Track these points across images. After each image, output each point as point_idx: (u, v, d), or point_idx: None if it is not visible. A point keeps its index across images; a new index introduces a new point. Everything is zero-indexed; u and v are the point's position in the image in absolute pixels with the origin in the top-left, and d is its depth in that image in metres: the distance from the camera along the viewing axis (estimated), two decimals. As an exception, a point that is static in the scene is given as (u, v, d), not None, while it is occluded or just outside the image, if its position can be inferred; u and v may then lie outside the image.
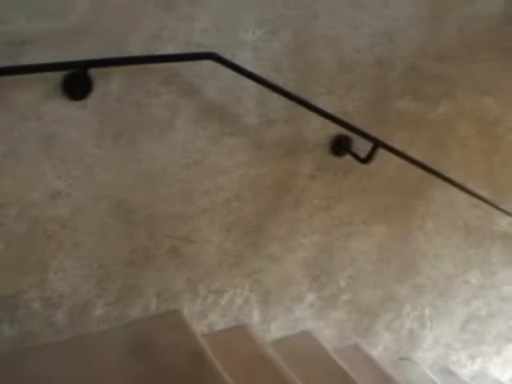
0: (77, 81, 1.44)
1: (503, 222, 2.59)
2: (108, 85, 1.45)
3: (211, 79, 1.62)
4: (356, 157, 1.94)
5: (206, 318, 1.87)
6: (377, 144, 1.87)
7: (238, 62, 1.58)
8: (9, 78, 1.32)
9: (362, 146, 1.91)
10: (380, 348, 2.46)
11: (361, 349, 2.37)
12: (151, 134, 1.56)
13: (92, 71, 1.39)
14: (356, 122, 1.83)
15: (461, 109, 2.14)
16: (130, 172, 1.57)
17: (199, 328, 1.83)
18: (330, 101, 1.86)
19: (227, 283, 1.88)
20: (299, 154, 1.90)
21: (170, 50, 1.50)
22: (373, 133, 1.83)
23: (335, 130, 1.91)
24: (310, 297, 2.13)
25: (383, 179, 2.11)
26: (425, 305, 2.55)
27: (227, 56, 1.56)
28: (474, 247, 2.57)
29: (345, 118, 1.79)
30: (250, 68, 1.60)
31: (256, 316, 2.00)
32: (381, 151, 1.85)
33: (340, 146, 1.97)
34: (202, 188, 1.71)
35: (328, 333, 2.24)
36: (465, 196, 2.27)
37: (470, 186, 2.23)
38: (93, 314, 1.63)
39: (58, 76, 1.39)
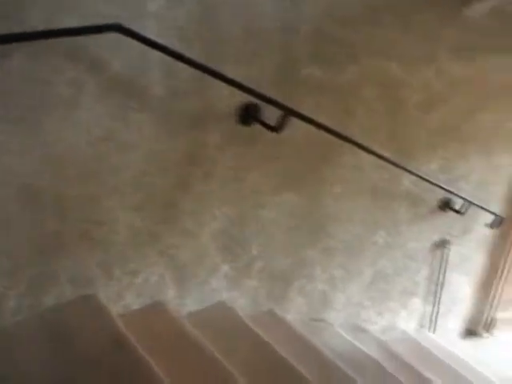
0: (-29, 60, 1.53)
1: (406, 182, 3.06)
2: (9, 63, 1.56)
3: (117, 52, 1.78)
4: (266, 125, 2.22)
5: (123, 299, 2.10)
6: (287, 112, 2.15)
7: (143, 32, 1.75)
8: None
9: (270, 114, 2.18)
10: (294, 312, 2.85)
11: (275, 314, 2.75)
12: (56, 113, 1.71)
13: (-11, 49, 1.50)
14: (264, 90, 2.08)
15: (365, 73, 2.49)
16: (34, 155, 1.70)
17: (116, 309, 2.04)
18: (237, 69, 2.10)
19: (141, 262, 2.10)
20: (207, 125, 2.13)
21: (73, 23, 1.63)
22: (281, 100, 2.11)
23: (243, 98, 2.16)
24: (225, 268, 2.43)
25: (292, 147, 2.42)
26: (335, 267, 2.97)
27: (132, 27, 1.72)
28: (381, 208, 3.02)
29: (253, 86, 2.04)
30: (155, 38, 1.77)
31: (172, 292, 2.26)
32: (290, 118, 2.13)
33: (249, 115, 2.24)
34: (111, 166, 1.90)
35: (243, 302, 2.57)
36: (371, 159, 2.67)
37: (375, 148, 2.62)
38: (6, 306, 1.78)
39: None
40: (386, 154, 2.73)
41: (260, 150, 2.33)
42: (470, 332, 4.32)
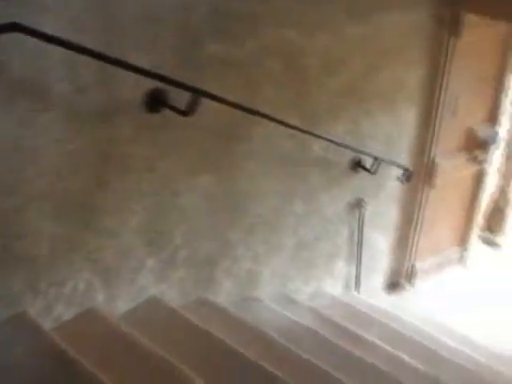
0: None
1: (316, 148, 3.32)
2: None
3: (13, 52, 1.82)
4: (176, 110, 2.35)
5: (53, 312, 2.18)
6: (196, 93, 2.29)
7: (40, 28, 1.80)
8: None
9: (180, 98, 2.31)
10: (224, 295, 3.05)
11: (206, 300, 2.93)
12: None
13: None
14: (170, 74, 2.20)
15: (267, 45, 2.68)
16: None
17: (47, 323, 2.12)
18: (140, 55, 2.20)
19: (67, 271, 2.19)
20: (116, 118, 2.23)
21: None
22: (189, 82, 2.24)
23: (150, 85, 2.26)
24: (150, 262, 2.56)
25: (204, 128, 2.57)
26: (258, 243, 3.19)
27: (29, 23, 1.76)
28: (295, 177, 3.27)
29: (157, 71, 2.14)
30: (53, 33, 1.81)
31: (102, 296, 2.37)
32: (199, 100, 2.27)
33: (157, 102, 2.36)
34: (24, 176, 1.95)
35: (173, 293, 2.73)
36: (281, 129, 2.88)
37: (284, 118, 2.83)
38: None
39: None
40: (294, 123, 2.95)
41: (173, 137, 2.45)
42: (394, 285, 4.77)
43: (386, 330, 3.59)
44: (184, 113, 2.32)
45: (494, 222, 6.17)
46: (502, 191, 6.03)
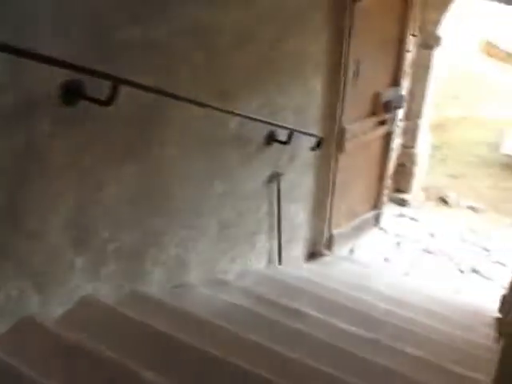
0: None
1: (232, 125, 3.40)
2: None
3: None
4: (95, 100, 2.33)
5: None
6: (115, 81, 2.29)
7: None
8: None
9: (97, 88, 2.29)
10: (155, 285, 3.10)
11: (138, 293, 2.96)
12: None
13: None
14: (85, 63, 2.18)
15: (179, 24, 2.70)
16: None
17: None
18: (53, 46, 2.15)
19: (-3, 280, 2.16)
20: (32, 114, 2.19)
21: None
22: (105, 70, 2.23)
23: (66, 76, 2.23)
24: (79, 261, 2.56)
25: (122, 117, 2.57)
26: (183, 228, 3.25)
27: None
28: (213, 157, 3.33)
29: (72, 61, 2.12)
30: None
31: (35, 302, 2.34)
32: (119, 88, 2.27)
33: (74, 94, 2.33)
34: None
35: (105, 289, 2.74)
36: (199, 110, 2.93)
37: (200, 98, 2.88)
38: None
39: None
40: (210, 102, 3.00)
41: (93, 129, 2.44)
42: (314, 254, 5.00)
43: (316, 299, 3.78)
44: (104, 103, 2.31)
45: (401, 182, 6.56)
46: (406, 150, 6.41)
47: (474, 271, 5.58)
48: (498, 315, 4.27)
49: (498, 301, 4.61)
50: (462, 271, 5.57)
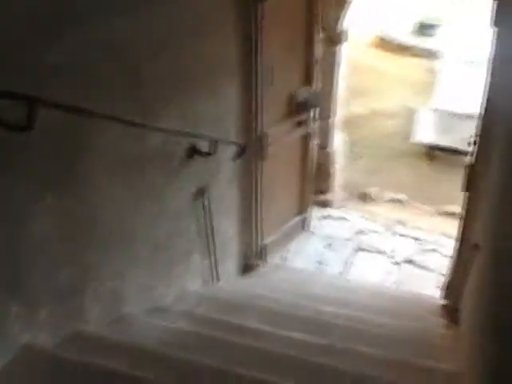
0: None
1: (155, 141, 3.35)
2: None
3: None
4: (9, 126, 2.20)
5: None
6: (33, 102, 2.18)
7: None
8: None
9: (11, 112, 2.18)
10: (94, 320, 3.00)
11: (78, 333, 2.86)
12: None
13: None
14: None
15: (91, 39, 2.65)
16: None
17: None
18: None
19: None
20: None
21: None
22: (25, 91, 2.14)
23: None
24: (14, 307, 2.44)
25: (40, 143, 2.46)
26: (116, 259, 3.17)
27: None
28: (140, 177, 3.28)
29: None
30: None
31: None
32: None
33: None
34: None
35: (43, 334, 2.63)
36: (123, 129, 2.88)
37: (122, 115, 2.82)
38: None
39: None
40: (132, 118, 2.95)
41: (7, 158, 2.32)
42: (248, 266, 5.01)
43: (261, 312, 3.80)
44: (24, 128, 2.21)
45: (321, 183, 6.70)
46: (322, 150, 6.56)
47: (409, 262, 5.79)
48: (443, 302, 4.45)
49: (439, 288, 4.82)
50: (396, 263, 5.77)
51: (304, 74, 4.96)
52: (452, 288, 4.37)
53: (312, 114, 5.17)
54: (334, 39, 5.85)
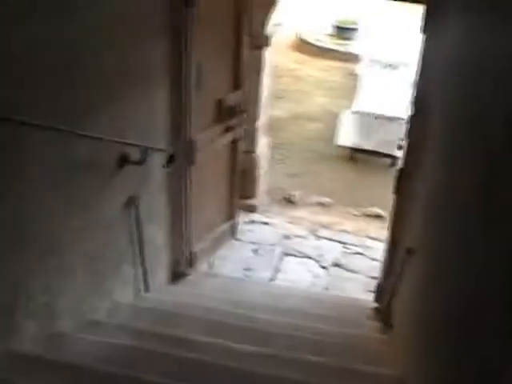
0: None
1: (83, 150, 3.30)
2: None
3: None
4: None
5: None
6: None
7: None
8: None
9: None
10: (28, 339, 2.94)
11: (11, 352, 2.80)
12: None
13: None
14: None
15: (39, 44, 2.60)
16: None
17: None
18: None
19: None
20: None
21: None
22: None
23: None
24: None
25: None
26: (49, 270, 3.11)
27: None
28: (71, 188, 3.23)
29: None
30: None
31: None
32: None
33: None
34: None
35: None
36: (51, 136, 2.83)
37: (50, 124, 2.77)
38: None
39: None
40: (56, 125, 2.90)
41: None
42: (177, 275, 5.01)
43: (196, 322, 3.83)
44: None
45: (246, 187, 6.77)
46: (247, 155, 6.64)
47: (336, 265, 5.95)
48: (376, 305, 4.62)
49: (370, 291, 4.99)
50: (324, 267, 5.91)
51: (233, 79, 5.02)
52: (384, 291, 4.54)
53: (240, 119, 5.23)
54: (259, 43, 5.94)
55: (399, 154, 5.33)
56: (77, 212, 3.35)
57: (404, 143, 4.52)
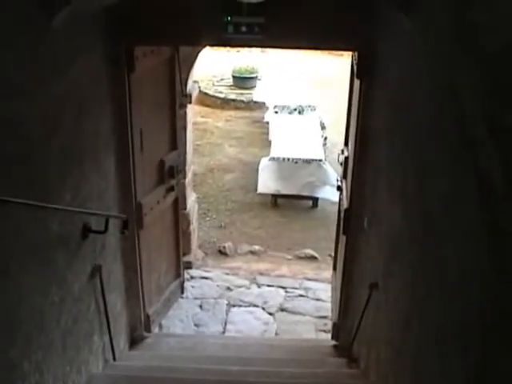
0: None
1: (53, 225, 3.37)
2: None
3: None
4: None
5: None
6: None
7: None
8: None
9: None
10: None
11: None
12: None
13: None
14: None
15: None
16: None
17: None
18: None
19: None
20: None
21: None
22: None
23: None
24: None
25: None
26: (36, 350, 3.13)
27: None
28: (44, 263, 3.26)
29: None
30: None
31: None
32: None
33: None
34: None
35: None
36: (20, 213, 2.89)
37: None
38: None
39: None
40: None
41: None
42: (137, 339, 5.06)
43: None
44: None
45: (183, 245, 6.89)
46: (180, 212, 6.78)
47: (283, 310, 6.18)
48: (334, 343, 4.86)
49: (322, 330, 5.24)
50: (271, 313, 6.11)
51: (170, 139, 5.21)
52: (342, 328, 4.80)
53: (179, 178, 5.41)
54: (183, 102, 6.17)
55: (336, 195, 5.70)
56: (54, 286, 3.39)
57: (344, 184, 4.85)
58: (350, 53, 4.90)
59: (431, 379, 2.44)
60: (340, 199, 5.28)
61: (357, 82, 4.38)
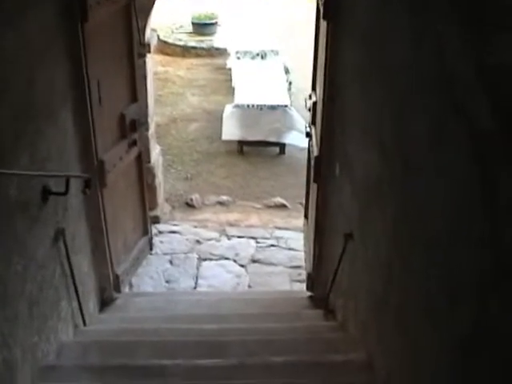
0: None
1: (13, 187, 3.17)
2: None
3: None
4: None
5: None
6: None
7: None
8: None
9: None
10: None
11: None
12: None
13: None
14: None
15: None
16: None
17: None
18: None
19: None
20: None
21: None
22: None
23: None
24: None
25: None
26: (2, 323, 2.97)
27: None
28: (6, 231, 3.09)
29: None
30: None
31: None
32: None
33: None
34: None
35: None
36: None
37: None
38: None
39: None
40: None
41: None
42: (107, 300, 4.92)
43: (151, 347, 3.80)
44: None
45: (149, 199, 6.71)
46: (145, 165, 6.58)
47: (255, 261, 6.08)
48: (310, 294, 4.78)
49: (296, 280, 5.16)
50: (243, 266, 6.01)
51: (130, 91, 4.96)
52: (316, 279, 4.71)
53: (141, 132, 5.19)
54: (140, 51, 5.89)
55: (305, 141, 5.55)
56: (16, 255, 3.22)
57: (313, 130, 4.69)
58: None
59: (416, 330, 2.35)
60: (309, 146, 5.12)
61: (323, 24, 4.17)
